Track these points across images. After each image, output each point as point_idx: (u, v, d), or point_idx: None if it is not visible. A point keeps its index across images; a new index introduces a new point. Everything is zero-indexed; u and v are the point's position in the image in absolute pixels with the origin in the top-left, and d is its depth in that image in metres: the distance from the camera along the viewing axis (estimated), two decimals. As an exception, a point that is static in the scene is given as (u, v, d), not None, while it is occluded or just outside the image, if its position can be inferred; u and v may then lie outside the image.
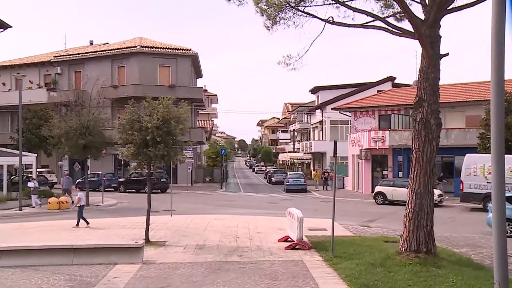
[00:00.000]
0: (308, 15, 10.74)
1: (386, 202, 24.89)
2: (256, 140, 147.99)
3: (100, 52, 41.67)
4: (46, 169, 37.29)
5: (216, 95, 71.62)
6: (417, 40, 9.90)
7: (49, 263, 9.82)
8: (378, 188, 25.64)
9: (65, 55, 43.10)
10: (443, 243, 12.51)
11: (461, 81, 35.61)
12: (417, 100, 10.10)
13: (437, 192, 22.67)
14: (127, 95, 35.48)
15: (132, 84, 39.33)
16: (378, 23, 10.58)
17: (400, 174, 30.09)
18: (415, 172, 9.92)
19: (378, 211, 22.02)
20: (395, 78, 44.81)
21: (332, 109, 38.71)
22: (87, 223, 15.55)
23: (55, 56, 43.24)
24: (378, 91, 40.77)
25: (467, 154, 22.31)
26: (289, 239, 12.29)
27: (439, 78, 10.09)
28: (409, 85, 40.57)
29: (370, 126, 33.90)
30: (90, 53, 42.10)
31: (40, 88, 42.13)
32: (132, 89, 38.18)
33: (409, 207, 9.91)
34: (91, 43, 49.21)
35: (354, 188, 33.57)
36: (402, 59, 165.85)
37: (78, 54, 42.79)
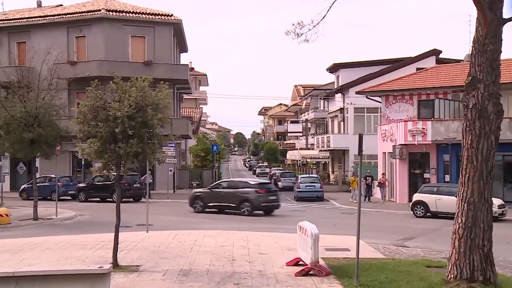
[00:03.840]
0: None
1: (428, 214, 24.89)
2: (258, 134, 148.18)
3: (52, 17, 41.64)
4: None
5: (205, 75, 71.60)
6: (471, 0, 9.83)
7: (-17, 295, 9.83)
8: (417, 196, 25.64)
9: (3, 21, 42.99)
10: (506, 270, 12.48)
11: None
12: (470, 81, 10.06)
13: (496, 201, 22.72)
14: (89, 74, 35.57)
15: (96, 60, 39.30)
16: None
17: (447, 178, 30.08)
18: (467, 176, 9.89)
19: (418, 226, 21.99)
20: (440, 52, 44.71)
21: (356, 92, 38.66)
22: None
23: (-9, 22, 43.24)
24: (417, 69, 40.67)
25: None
26: (300, 262, 12.27)
27: (501, 51, 10.04)
28: (459, 61, 40.44)
29: (406, 115, 33.85)
30: (38, 18, 42.04)
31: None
32: (95, 67, 38.15)
33: (459, 222, 9.89)
34: (39, 4, 49.13)
35: (386, 196, 33.60)
36: (450, 27, 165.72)
37: (22, 19, 42.75)
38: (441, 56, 44.66)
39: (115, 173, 13.06)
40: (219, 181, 26.73)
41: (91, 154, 12.45)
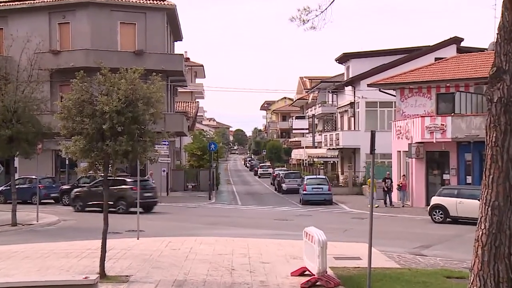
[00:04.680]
0: None
1: (448, 219, 24.96)
2: (260, 131, 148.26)
3: (32, 1, 41.57)
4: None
5: (202, 65, 71.69)
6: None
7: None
8: (435, 200, 25.68)
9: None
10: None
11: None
12: (494, 72, 10.02)
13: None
14: (73, 64, 35.59)
15: (81, 49, 39.29)
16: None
17: (469, 179, 30.12)
18: (491, 177, 9.86)
19: (436, 232, 22.04)
20: (462, 39, 44.66)
21: (368, 85, 38.66)
22: None
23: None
24: (436, 59, 40.67)
25: None
26: (306, 272, 12.31)
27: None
28: (483, 50, 40.40)
29: (424, 110, 33.86)
30: (16, 3, 41.94)
31: None
32: (80, 56, 38.15)
33: (483, 228, 9.87)
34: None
35: (401, 199, 33.60)
36: (473, 12, 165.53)
37: (-1, 4, 42.67)
38: (462, 44, 44.59)
39: (103, 174, 13.07)
40: (98, 179, 27.44)
41: (76, 153, 12.46)
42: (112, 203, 26.09)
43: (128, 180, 29.33)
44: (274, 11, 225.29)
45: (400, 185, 33.11)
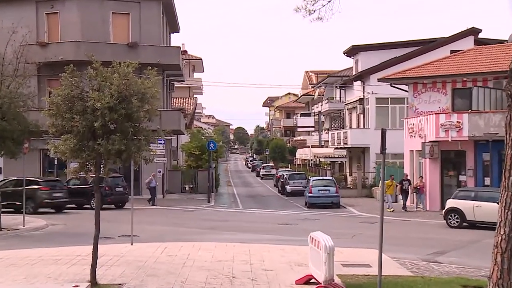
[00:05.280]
0: None
1: (465, 224, 24.97)
2: (263, 129, 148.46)
3: (18, -10, 41.55)
4: None
5: (200, 59, 71.69)
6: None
7: None
8: (451, 203, 25.68)
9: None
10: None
11: None
12: (515, 65, 10.01)
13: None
14: (63, 58, 35.64)
15: (71, 41, 39.30)
16: None
17: (487, 180, 30.09)
18: (511, 178, 9.85)
19: (452, 238, 22.03)
20: (480, 31, 44.65)
21: (378, 80, 38.68)
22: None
23: None
24: (452, 51, 40.67)
25: None
26: (312, 280, 12.30)
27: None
28: (502, 42, 40.38)
29: (438, 107, 33.86)
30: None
31: None
32: (70, 49, 38.18)
33: (502, 233, 9.86)
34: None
35: (413, 202, 33.58)
36: (491, 2, 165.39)
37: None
38: (480, 36, 44.58)
39: (94, 175, 13.06)
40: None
41: (65, 153, 12.45)
42: (19, 203, 26.95)
43: (40, 180, 31.42)
44: (277, 0, 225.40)
45: (418, 187, 32.65)
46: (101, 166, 12.84)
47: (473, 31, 44.27)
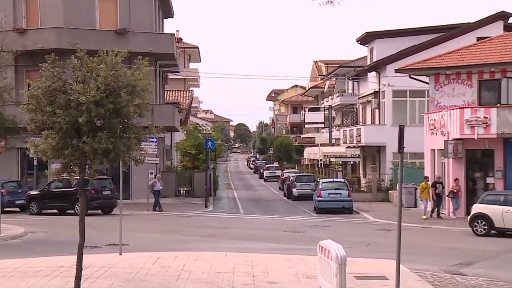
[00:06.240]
0: None
1: (493, 231, 24.81)
2: (266, 125, 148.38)
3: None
4: None
5: (197, 47, 71.74)
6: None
7: None
8: (477, 208, 25.59)
9: None
10: None
11: None
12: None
13: None
14: (43, 46, 35.60)
15: (51, 27, 39.29)
16: None
17: (518, 183, 30.03)
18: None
19: (479, 247, 21.92)
20: (510, 15, 44.50)
21: (396, 70, 38.57)
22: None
23: None
24: (478, 38, 40.54)
25: None
26: (322, 295, 12.31)
27: None
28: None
29: (463, 100, 33.77)
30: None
31: None
32: (51, 36, 38.17)
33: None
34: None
35: (444, 207, 33.38)
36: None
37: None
38: (510, 21, 44.44)
39: (79, 177, 13.09)
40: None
41: (46, 152, 12.47)
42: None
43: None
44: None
45: (455, 191, 31.55)
46: (86, 166, 12.83)
47: (503, 16, 44.11)
